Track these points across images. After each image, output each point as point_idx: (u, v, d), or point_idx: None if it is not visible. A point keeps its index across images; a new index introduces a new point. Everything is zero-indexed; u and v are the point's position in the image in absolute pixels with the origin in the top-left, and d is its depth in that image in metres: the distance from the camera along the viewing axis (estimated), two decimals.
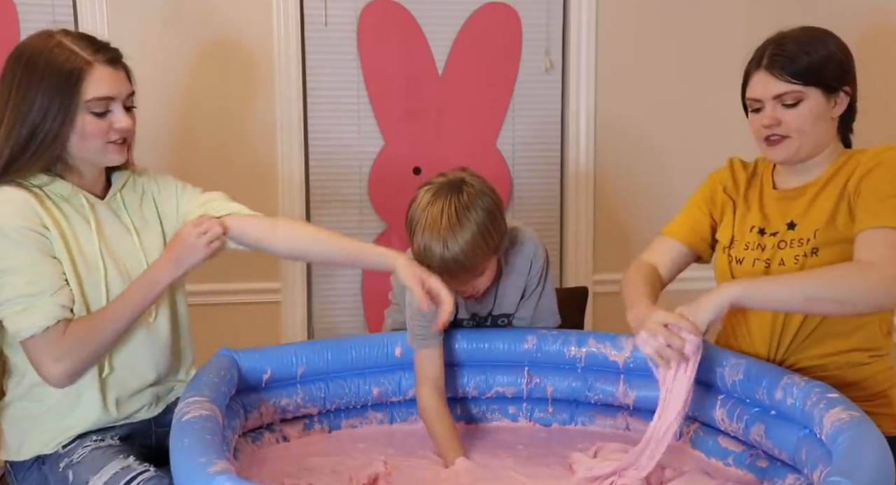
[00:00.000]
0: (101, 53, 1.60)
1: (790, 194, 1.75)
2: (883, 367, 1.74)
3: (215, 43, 2.73)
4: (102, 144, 1.62)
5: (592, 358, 1.89)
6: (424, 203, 1.74)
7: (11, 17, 2.60)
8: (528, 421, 1.96)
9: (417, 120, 2.90)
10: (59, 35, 1.60)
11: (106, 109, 1.60)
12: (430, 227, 1.71)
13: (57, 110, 1.56)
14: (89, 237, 1.64)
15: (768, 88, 1.68)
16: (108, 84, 1.59)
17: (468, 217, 1.71)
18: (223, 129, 2.77)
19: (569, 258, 3.01)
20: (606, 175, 3.00)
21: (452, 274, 1.73)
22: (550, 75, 2.95)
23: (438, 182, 1.77)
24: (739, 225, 1.81)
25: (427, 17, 2.86)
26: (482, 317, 1.97)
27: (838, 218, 1.66)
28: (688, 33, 2.94)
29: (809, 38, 1.69)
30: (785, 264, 1.70)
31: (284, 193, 2.83)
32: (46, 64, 1.56)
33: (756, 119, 1.72)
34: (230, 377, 1.70)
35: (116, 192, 1.72)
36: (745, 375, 1.65)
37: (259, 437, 1.80)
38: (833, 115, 1.70)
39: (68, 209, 1.64)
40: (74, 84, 1.56)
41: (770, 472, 1.60)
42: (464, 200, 1.72)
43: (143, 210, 1.75)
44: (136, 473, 1.54)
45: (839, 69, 1.69)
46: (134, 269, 1.68)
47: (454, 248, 1.70)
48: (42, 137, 1.57)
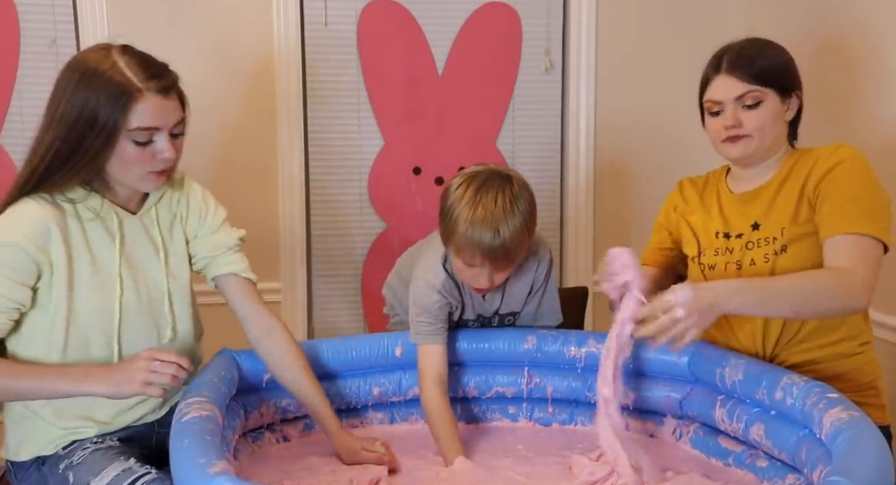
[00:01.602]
0: (154, 81, 1.55)
1: (748, 197, 1.81)
2: (869, 358, 1.79)
3: (215, 43, 2.73)
4: (143, 173, 1.59)
5: (592, 358, 1.89)
6: (470, 193, 1.72)
7: (11, 17, 2.60)
8: (528, 421, 1.96)
9: (417, 120, 2.90)
10: (117, 54, 1.56)
11: (149, 139, 1.56)
12: (480, 215, 1.69)
13: (99, 132, 1.53)
14: (111, 255, 1.64)
15: (730, 90, 1.74)
16: (155, 114, 1.55)
17: (518, 206, 1.72)
18: (223, 129, 2.77)
19: (569, 258, 3.01)
20: (606, 175, 2.99)
21: (496, 263, 1.73)
22: (550, 75, 2.95)
23: (479, 174, 1.76)
24: (703, 233, 1.86)
25: (427, 17, 2.85)
26: (487, 317, 1.97)
27: (801, 215, 1.71)
28: (687, 33, 2.93)
29: (762, 45, 1.79)
30: (755, 264, 1.74)
31: (284, 192, 2.83)
32: (98, 84, 1.52)
33: (715, 121, 1.78)
34: (230, 377, 1.70)
35: (151, 206, 1.71)
36: (745, 375, 1.65)
37: (259, 437, 1.80)
38: (786, 118, 1.78)
39: (96, 226, 1.63)
40: (121, 110, 1.52)
41: (770, 472, 1.60)
42: (515, 190, 1.73)
43: (173, 228, 1.75)
44: (138, 475, 1.53)
45: (791, 74, 1.78)
46: (153, 289, 1.68)
47: (504, 234, 1.69)
48: (81, 155, 1.54)
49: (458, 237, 1.72)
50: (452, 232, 1.73)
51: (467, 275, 1.79)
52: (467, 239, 1.70)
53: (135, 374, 1.50)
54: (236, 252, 1.80)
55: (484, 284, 1.78)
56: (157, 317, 1.69)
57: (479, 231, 1.69)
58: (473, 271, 1.76)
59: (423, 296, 1.85)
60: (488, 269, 1.74)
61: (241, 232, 1.82)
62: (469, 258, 1.73)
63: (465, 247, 1.71)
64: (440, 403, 1.80)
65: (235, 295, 1.79)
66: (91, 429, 1.64)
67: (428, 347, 1.84)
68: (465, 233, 1.70)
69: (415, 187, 2.93)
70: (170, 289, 1.71)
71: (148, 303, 1.67)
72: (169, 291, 1.70)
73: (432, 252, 1.89)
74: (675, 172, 2.95)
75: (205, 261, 1.77)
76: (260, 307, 1.79)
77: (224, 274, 1.77)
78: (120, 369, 1.53)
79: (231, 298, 1.79)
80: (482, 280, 1.77)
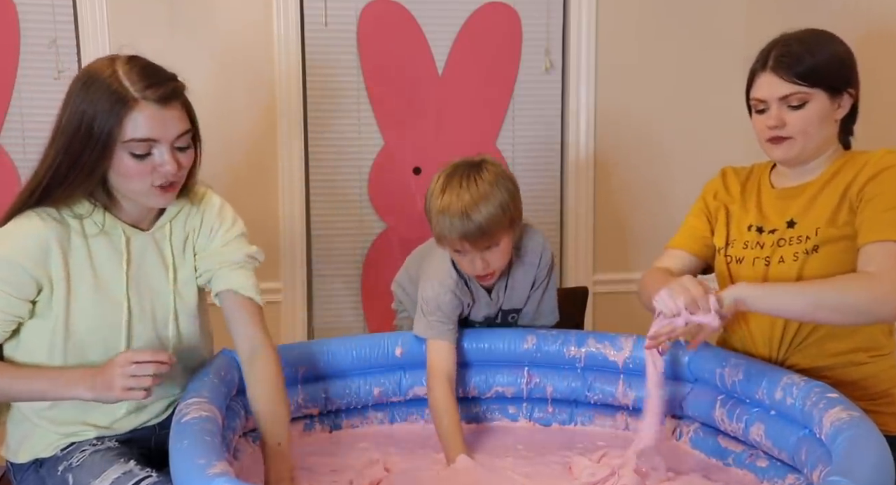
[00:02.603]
0: (153, 90, 1.48)
1: (789, 193, 1.76)
2: (885, 366, 1.74)
3: (215, 43, 2.73)
4: (146, 187, 1.53)
5: (592, 358, 1.90)
6: (440, 184, 1.81)
7: (11, 17, 2.60)
8: (528, 421, 1.96)
9: (417, 120, 2.90)
10: (120, 63, 1.51)
11: (148, 152, 1.50)
12: (447, 201, 1.77)
13: (95, 143, 1.47)
14: (118, 274, 1.59)
15: (774, 90, 1.68)
16: (152, 125, 1.48)
17: (483, 184, 1.78)
18: (223, 129, 2.77)
19: (569, 258, 3.01)
20: (606, 175, 2.99)
21: (475, 243, 1.77)
22: (550, 75, 2.94)
23: (452, 166, 1.85)
24: (736, 226, 1.81)
25: (427, 17, 2.85)
26: (492, 317, 1.97)
27: (840, 217, 1.67)
28: (688, 33, 2.93)
29: (814, 39, 1.70)
30: (784, 262, 1.70)
31: (284, 192, 2.83)
32: (95, 94, 1.47)
33: (760, 120, 1.72)
34: (230, 378, 1.70)
35: (166, 222, 1.65)
36: (745, 375, 1.65)
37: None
38: (836, 118, 1.71)
39: (102, 243, 1.58)
40: (115, 120, 1.46)
41: (770, 472, 1.60)
42: (482, 173, 1.80)
43: (185, 246, 1.68)
44: (139, 478, 1.51)
45: (843, 71, 1.70)
46: (160, 308, 1.64)
47: (473, 215, 1.75)
48: (80, 167, 1.49)
49: (435, 228, 1.80)
50: (432, 224, 1.81)
51: (463, 263, 1.84)
52: (441, 227, 1.78)
53: (113, 381, 1.46)
54: (241, 268, 1.69)
55: (480, 268, 1.82)
56: (160, 336, 1.65)
57: (447, 217, 1.76)
58: (465, 257, 1.81)
59: (436, 294, 1.87)
60: (472, 250, 1.79)
61: (253, 249, 1.72)
62: (450, 244, 1.80)
63: (442, 235, 1.79)
64: (447, 399, 1.80)
65: (231, 313, 1.68)
66: (90, 432, 1.64)
67: (438, 343, 1.85)
68: (438, 222, 1.78)
69: (415, 187, 2.93)
70: (176, 309, 1.66)
71: (152, 322, 1.63)
72: (175, 311, 1.66)
73: (441, 252, 1.91)
74: (675, 172, 2.97)
75: (208, 274, 1.69)
76: (252, 329, 1.66)
77: (223, 290, 1.68)
78: (100, 374, 1.49)
79: (227, 316, 1.68)
80: (477, 264, 1.81)
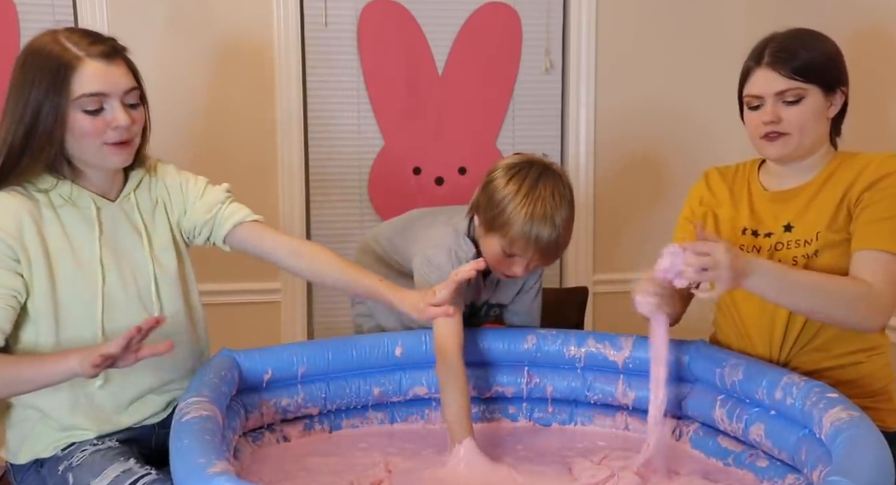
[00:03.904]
0: (95, 47, 1.52)
1: (783, 196, 1.75)
2: (881, 364, 1.75)
3: (215, 43, 2.73)
4: (98, 145, 1.55)
5: (592, 358, 1.90)
6: (527, 187, 1.73)
7: (11, 17, 2.60)
8: (528, 421, 1.96)
9: (417, 120, 2.90)
10: (60, 33, 1.54)
11: (99, 107, 1.53)
12: (540, 211, 1.71)
13: (49, 109, 1.50)
14: (91, 244, 1.60)
15: (770, 85, 1.67)
16: (100, 79, 1.51)
17: (566, 198, 1.75)
18: (223, 129, 2.77)
19: (569, 258, 3.01)
20: (606, 175, 2.99)
21: (546, 256, 1.76)
22: (550, 75, 2.95)
23: (527, 166, 1.77)
24: (729, 229, 1.80)
25: (427, 17, 2.85)
26: (477, 307, 1.97)
27: (838, 221, 1.66)
28: (687, 33, 2.94)
29: (806, 37, 1.71)
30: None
31: (284, 192, 2.83)
32: (39, 61, 1.51)
33: (754, 116, 1.71)
34: (230, 378, 1.70)
35: (130, 192, 1.68)
36: (745, 375, 1.65)
37: (260, 437, 1.80)
38: (829, 115, 1.71)
39: (72, 214, 1.60)
40: (62, 80, 1.49)
41: (770, 472, 1.60)
42: (564, 181, 1.77)
43: (155, 214, 1.71)
44: (139, 476, 1.52)
45: (836, 68, 1.70)
46: (140, 274, 1.65)
47: (560, 229, 1.73)
48: (37, 138, 1.51)
49: (514, 232, 1.73)
50: (506, 225, 1.73)
51: (504, 262, 1.78)
52: (525, 233, 1.72)
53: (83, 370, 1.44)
54: (231, 203, 1.75)
55: (519, 272, 1.79)
56: (144, 303, 1.66)
57: (538, 227, 1.71)
58: (513, 260, 1.77)
59: (448, 263, 1.83)
60: (535, 260, 1.76)
61: (225, 185, 1.78)
62: (521, 251, 1.74)
63: (521, 241, 1.73)
64: (457, 371, 1.74)
65: (250, 242, 1.74)
66: (90, 431, 1.63)
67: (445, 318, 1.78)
68: (523, 228, 1.72)
69: (415, 187, 2.93)
70: (156, 275, 1.67)
71: (135, 290, 1.64)
72: (155, 276, 1.67)
73: (449, 227, 1.89)
74: (675, 172, 2.97)
75: (207, 227, 1.73)
76: (276, 237, 1.75)
77: (230, 229, 1.73)
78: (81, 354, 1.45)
79: (249, 247, 1.74)
80: (518, 269, 1.78)
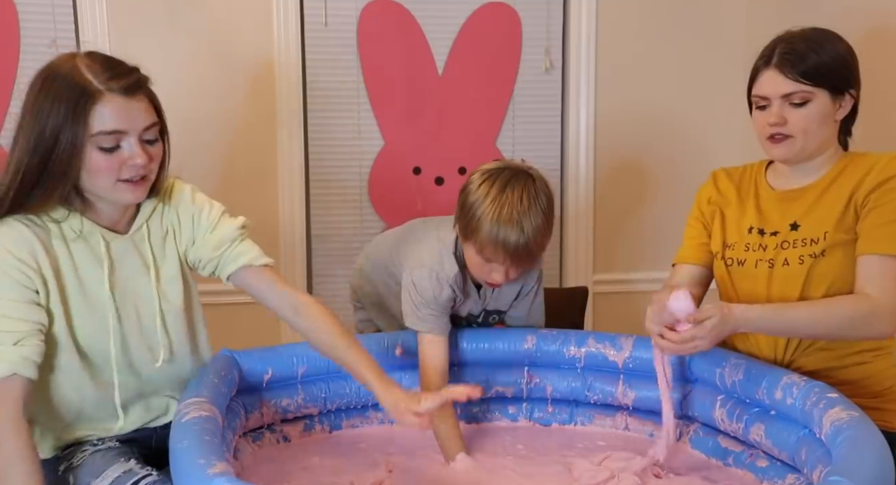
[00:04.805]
0: (117, 81, 1.44)
1: (791, 195, 1.75)
2: (887, 364, 1.75)
3: (215, 43, 2.73)
4: (112, 183, 1.48)
5: (592, 358, 1.90)
6: (495, 191, 1.72)
7: (11, 17, 2.60)
8: (528, 421, 1.96)
9: (417, 120, 2.90)
10: (81, 57, 1.47)
11: (116, 144, 1.46)
12: (507, 214, 1.69)
13: (66, 139, 1.42)
14: (100, 280, 1.55)
15: (777, 87, 1.67)
16: (119, 116, 1.44)
17: (540, 204, 1.73)
18: (223, 129, 2.77)
19: (569, 258, 3.01)
20: (606, 175, 2.99)
21: (519, 261, 1.74)
22: (550, 75, 2.95)
23: (502, 171, 1.76)
24: (735, 228, 1.80)
25: (427, 17, 2.85)
26: (475, 316, 1.97)
27: (846, 221, 1.67)
28: (688, 33, 2.93)
29: (819, 38, 1.70)
30: (789, 264, 1.70)
31: (284, 192, 2.83)
32: (58, 89, 1.43)
33: (761, 116, 1.72)
34: (230, 378, 1.70)
35: (143, 223, 1.61)
36: (745, 375, 1.65)
37: (260, 437, 1.80)
38: (837, 118, 1.71)
39: (81, 248, 1.54)
40: (81, 112, 1.42)
41: (770, 472, 1.60)
42: (537, 188, 1.74)
43: (165, 244, 1.64)
44: (140, 477, 1.51)
45: (846, 72, 1.70)
46: (144, 310, 1.60)
47: (529, 233, 1.70)
48: (52, 169, 1.44)
49: (482, 235, 1.72)
50: (476, 230, 1.73)
51: (484, 270, 1.78)
52: (492, 238, 1.70)
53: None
54: (241, 242, 1.67)
55: (499, 280, 1.78)
56: (149, 338, 1.61)
57: (504, 230, 1.69)
58: (491, 266, 1.76)
59: (433, 286, 1.82)
60: (508, 266, 1.74)
61: (240, 220, 1.69)
62: (492, 255, 1.73)
63: (489, 245, 1.72)
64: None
65: (253, 287, 1.67)
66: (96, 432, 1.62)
67: (430, 337, 1.82)
68: (490, 231, 1.70)
69: (415, 187, 2.93)
70: (162, 309, 1.62)
71: (138, 325, 1.60)
72: (161, 310, 1.62)
73: (437, 242, 1.86)
74: (675, 172, 2.97)
75: (213, 262, 1.66)
76: (281, 289, 1.66)
77: (236, 270, 1.66)
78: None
79: (252, 291, 1.67)
80: (497, 276, 1.77)
